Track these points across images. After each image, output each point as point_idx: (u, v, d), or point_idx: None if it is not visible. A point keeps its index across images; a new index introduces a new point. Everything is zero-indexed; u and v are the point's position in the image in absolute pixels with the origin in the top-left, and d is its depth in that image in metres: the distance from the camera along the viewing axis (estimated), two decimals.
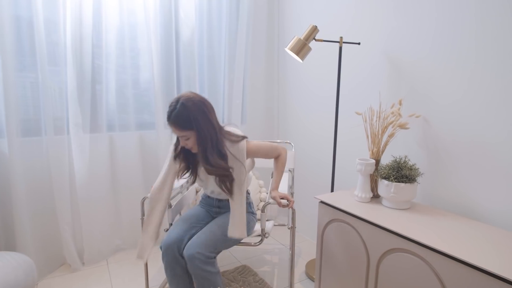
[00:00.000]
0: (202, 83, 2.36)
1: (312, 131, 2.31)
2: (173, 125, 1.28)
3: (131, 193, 2.17)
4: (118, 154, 2.10)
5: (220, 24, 2.35)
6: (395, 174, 1.42)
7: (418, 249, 1.17)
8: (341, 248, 1.50)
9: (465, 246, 1.12)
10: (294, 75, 2.44)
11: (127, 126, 2.12)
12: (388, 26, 1.70)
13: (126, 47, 2.05)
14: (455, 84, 1.44)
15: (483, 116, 1.36)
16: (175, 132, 1.31)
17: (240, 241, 1.51)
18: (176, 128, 1.28)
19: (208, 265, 1.33)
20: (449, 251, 1.08)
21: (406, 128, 1.49)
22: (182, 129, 1.28)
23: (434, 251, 1.13)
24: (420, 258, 1.17)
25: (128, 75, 2.08)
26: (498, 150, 1.32)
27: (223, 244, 1.42)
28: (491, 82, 1.32)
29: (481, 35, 1.34)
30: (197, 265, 1.31)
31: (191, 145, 1.33)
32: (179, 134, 1.30)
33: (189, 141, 1.31)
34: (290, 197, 1.44)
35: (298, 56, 1.66)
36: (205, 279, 1.33)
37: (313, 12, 2.19)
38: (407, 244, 1.21)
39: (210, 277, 1.33)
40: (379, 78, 1.78)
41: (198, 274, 1.33)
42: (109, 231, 2.12)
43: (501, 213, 1.33)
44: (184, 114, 1.26)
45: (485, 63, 1.33)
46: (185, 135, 1.29)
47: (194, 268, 1.32)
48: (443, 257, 1.10)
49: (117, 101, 2.07)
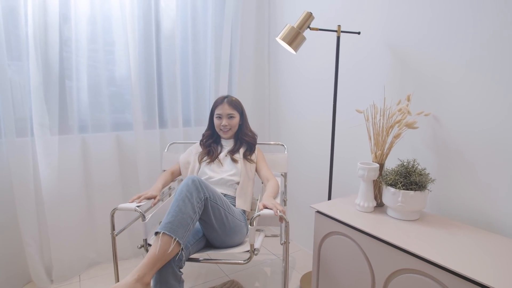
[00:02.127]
0: (186, 80, 2.16)
1: (307, 132, 2.12)
2: (228, 103, 1.67)
3: (107, 201, 1.96)
4: (92, 157, 1.88)
5: (205, 13, 2.15)
6: (403, 181, 1.23)
7: (434, 270, 0.99)
8: (341, 266, 1.31)
9: (489, 267, 0.94)
10: (287, 69, 2.25)
11: (101, 127, 1.90)
12: (391, 13, 1.52)
13: (100, 40, 1.83)
14: (470, 77, 1.26)
15: (501, 112, 1.18)
16: (225, 110, 1.66)
17: (236, 244, 1.45)
18: (229, 107, 1.66)
19: (196, 192, 1.25)
20: (472, 275, 0.89)
21: (415, 128, 1.31)
22: (234, 108, 1.67)
23: (453, 273, 0.94)
24: (437, 281, 0.98)
25: (103, 70, 1.87)
26: None
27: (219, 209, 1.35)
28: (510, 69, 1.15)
29: (502, 18, 1.16)
30: (188, 186, 1.25)
31: (233, 124, 1.68)
32: (229, 111, 1.66)
33: (233, 120, 1.68)
34: (281, 206, 1.29)
35: (291, 47, 1.47)
36: (182, 201, 1.22)
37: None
38: (420, 265, 1.02)
39: (187, 203, 1.23)
40: (382, 72, 1.59)
41: (180, 192, 1.24)
42: (82, 243, 1.90)
43: None
44: (236, 100, 1.72)
45: (505, 51, 1.16)
46: (233, 114, 1.67)
47: (182, 187, 1.25)
48: (465, 281, 0.91)
49: (90, 99, 1.86)
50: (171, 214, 1.18)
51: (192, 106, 2.20)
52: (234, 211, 1.43)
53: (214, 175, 1.62)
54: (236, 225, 1.40)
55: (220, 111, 1.67)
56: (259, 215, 1.24)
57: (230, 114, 1.66)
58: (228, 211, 1.38)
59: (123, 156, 1.99)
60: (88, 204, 1.92)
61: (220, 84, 2.22)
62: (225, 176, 1.61)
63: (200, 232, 1.41)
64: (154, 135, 2.04)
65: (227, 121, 1.66)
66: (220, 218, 1.33)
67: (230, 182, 1.61)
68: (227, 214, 1.36)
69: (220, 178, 1.60)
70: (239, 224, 1.42)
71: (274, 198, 1.44)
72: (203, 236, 1.41)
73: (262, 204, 1.32)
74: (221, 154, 1.69)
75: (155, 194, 1.45)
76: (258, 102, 2.45)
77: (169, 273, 1.15)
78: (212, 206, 1.30)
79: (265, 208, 1.29)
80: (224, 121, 1.66)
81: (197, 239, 1.36)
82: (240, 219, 1.46)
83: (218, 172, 1.63)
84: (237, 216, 1.43)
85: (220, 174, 1.62)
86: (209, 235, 1.38)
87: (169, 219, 1.17)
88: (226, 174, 1.61)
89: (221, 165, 1.65)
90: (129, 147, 2.00)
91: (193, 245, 1.33)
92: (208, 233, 1.37)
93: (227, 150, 1.71)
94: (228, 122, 1.66)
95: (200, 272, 1.95)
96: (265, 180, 1.63)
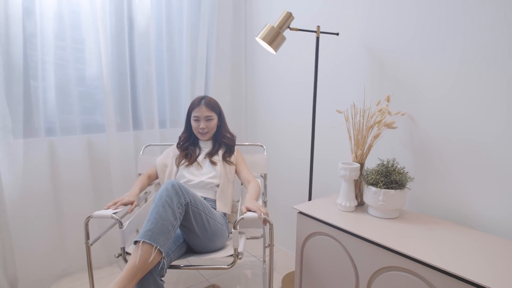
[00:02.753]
0: (161, 79, 2.09)
1: (286, 132, 2.12)
2: (205, 105, 1.60)
3: (78, 208, 1.85)
4: (61, 162, 1.77)
5: (181, 10, 2.08)
6: (383, 180, 1.26)
7: (417, 267, 1.01)
8: (325, 266, 1.31)
9: (466, 260, 0.97)
10: (264, 69, 2.23)
11: (71, 129, 1.79)
12: (368, 15, 1.54)
13: (68, 37, 1.73)
14: (443, 78, 1.31)
15: (475, 112, 1.23)
16: (203, 112, 1.60)
17: (219, 248, 1.41)
18: (207, 108, 1.60)
19: (176, 198, 1.21)
20: (453, 270, 0.92)
21: (394, 128, 1.34)
22: (211, 110, 1.61)
23: (435, 269, 0.97)
24: (420, 278, 1.00)
25: (72, 70, 1.76)
26: (493, 150, 1.20)
27: (200, 214, 1.30)
28: (483, 74, 1.20)
29: (472, 23, 1.21)
30: (168, 192, 1.20)
31: (211, 126, 1.63)
32: (207, 113, 1.60)
33: (211, 122, 1.62)
34: (264, 208, 1.28)
35: (271, 47, 1.45)
36: (162, 207, 1.16)
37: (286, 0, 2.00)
38: (403, 262, 1.04)
39: (168, 209, 1.18)
40: (360, 73, 1.62)
41: (160, 197, 1.19)
42: (50, 254, 1.79)
43: (497, 219, 1.21)
44: (214, 101, 1.66)
45: (476, 54, 1.21)
46: (211, 116, 1.62)
47: (162, 192, 1.20)
48: (446, 276, 0.94)
49: (58, 100, 1.74)
50: (151, 221, 1.13)
51: (167, 107, 2.13)
52: (215, 215, 1.39)
53: (193, 178, 1.57)
54: (218, 229, 1.37)
55: (198, 113, 1.61)
56: (243, 218, 1.22)
57: (208, 116, 1.61)
58: (210, 215, 1.34)
59: (95, 160, 1.89)
60: (57, 212, 1.80)
61: (197, 83, 2.17)
62: (204, 179, 1.56)
63: (180, 238, 1.36)
64: (128, 137, 1.95)
65: (205, 123, 1.61)
66: (202, 223, 1.29)
67: (210, 185, 1.57)
68: (208, 218, 1.32)
69: (200, 181, 1.56)
70: (221, 228, 1.39)
71: (256, 200, 1.42)
72: (184, 241, 1.36)
73: (245, 207, 1.30)
74: (199, 157, 1.65)
75: (132, 199, 1.38)
76: (235, 102, 2.42)
77: (150, 283, 1.09)
78: (193, 211, 1.25)
79: (248, 211, 1.27)
80: (202, 124, 1.61)
81: (178, 245, 1.31)
82: (222, 222, 1.42)
83: (197, 175, 1.58)
84: (218, 220, 1.40)
85: (199, 177, 1.57)
86: (191, 240, 1.33)
87: (149, 226, 1.12)
88: (206, 177, 1.57)
89: (200, 168, 1.61)
90: (101, 150, 1.90)
91: (174, 251, 1.27)
92: (189, 238, 1.32)
93: (205, 152, 1.67)
94: (206, 124, 1.62)
95: (179, 278, 1.89)
96: (245, 182, 1.60)
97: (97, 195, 1.92)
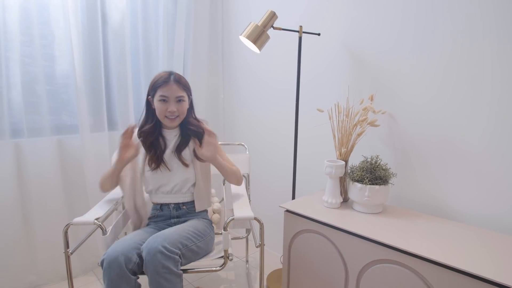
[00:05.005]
0: (137, 78, 2.00)
1: (269, 131, 2.12)
2: (176, 83, 1.30)
3: (48, 215, 1.72)
4: (29, 165, 1.64)
5: (157, 7, 2.01)
6: (369, 176, 1.29)
7: (404, 258, 1.05)
8: (314, 262, 1.33)
9: (447, 249, 1.03)
10: (242, 68, 2.22)
11: (39, 130, 1.67)
12: (348, 16, 1.58)
13: (35, 33, 1.61)
14: (421, 77, 1.37)
15: (451, 111, 1.31)
16: (173, 92, 1.29)
17: (208, 253, 1.33)
18: (178, 87, 1.30)
19: (171, 262, 1.09)
20: (442, 259, 0.97)
21: (376, 126, 1.38)
22: (183, 89, 1.32)
23: (423, 259, 1.01)
24: (410, 269, 1.05)
25: (39, 67, 1.64)
26: (468, 146, 1.28)
27: (192, 248, 1.21)
28: (459, 75, 1.28)
29: (453, 23, 1.28)
30: (159, 261, 1.07)
31: (182, 110, 1.33)
32: (178, 93, 1.30)
33: (182, 104, 1.32)
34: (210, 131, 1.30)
35: (256, 45, 1.45)
36: (164, 279, 1.07)
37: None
38: (392, 254, 1.08)
39: (170, 278, 1.08)
40: (342, 72, 1.66)
41: (157, 272, 1.07)
42: (17, 266, 1.66)
43: (472, 210, 1.29)
44: (183, 78, 1.35)
45: (453, 54, 1.28)
46: (182, 96, 1.32)
47: (154, 264, 1.06)
48: (436, 266, 0.99)
49: (25, 99, 1.62)
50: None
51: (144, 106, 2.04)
52: (200, 231, 1.30)
53: (164, 183, 1.36)
54: (208, 241, 1.33)
55: (166, 93, 1.28)
56: (233, 219, 1.20)
57: (179, 96, 1.30)
58: (197, 240, 1.26)
59: (66, 163, 1.78)
60: (24, 220, 1.67)
61: None
62: (178, 182, 1.36)
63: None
64: (103, 138, 1.86)
65: (176, 105, 1.30)
66: (196, 252, 1.24)
67: (185, 188, 1.38)
68: (198, 245, 1.26)
69: (173, 186, 1.36)
70: (210, 240, 1.34)
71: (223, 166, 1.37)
72: None
73: (197, 147, 1.33)
74: (165, 154, 1.36)
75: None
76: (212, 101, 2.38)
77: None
78: (186, 253, 1.19)
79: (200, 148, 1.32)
80: (171, 106, 1.29)
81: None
82: (208, 231, 1.35)
83: (168, 179, 1.36)
84: (205, 234, 1.32)
85: (171, 181, 1.36)
86: None
87: None
88: (179, 180, 1.36)
89: (168, 170, 1.36)
90: (74, 152, 1.79)
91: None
92: None
93: (172, 146, 1.37)
94: (177, 107, 1.30)
95: None
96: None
97: (69, 201, 1.81)
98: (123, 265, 1.08)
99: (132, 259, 1.11)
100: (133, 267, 1.10)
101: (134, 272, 1.12)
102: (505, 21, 1.16)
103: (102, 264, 1.09)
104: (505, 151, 1.20)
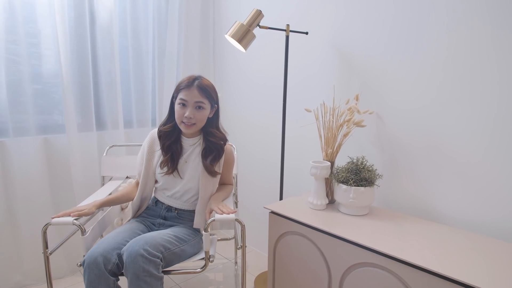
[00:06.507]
0: (126, 77, 1.99)
1: (258, 130, 2.10)
2: (197, 88, 1.25)
3: (34, 214, 1.71)
4: (14, 165, 1.63)
5: (146, 6, 2.00)
6: (353, 177, 1.27)
7: (387, 262, 1.03)
8: (298, 265, 1.31)
9: (433, 253, 1.00)
10: (233, 68, 2.20)
11: (25, 130, 1.66)
12: (337, 16, 1.56)
13: (21, 31, 1.60)
14: (409, 79, 1.35)
15: (437, 112, 1.29)
16: (193, 97, 1.25)
17: (191, 256, 1.30)
18: (199, 93, 1.25)
19: (152, 265, 1.07)
20: (424, 264, 0.95)
21: (362, 126, 1.36)
22: (205, 96, 1.27)
23: (405, 263, 0.99)
24: (391, 273, 1.02)
25: (26, 66, 1.63)
26: (454, 147, 1.25)
27: (175, 251, 1.20)
28: (445, 78, 1.25)
29: (437, 23, 1.26)
30: (140, 265, 1.05)
31: (200, 118, 1.28)
32: (198, 99, 1.25)
33: (201, 112, 1.28)
34: (229, 207, 1.25)
35: (241, 45, 1.43)
36: (144, 282, 1.06)
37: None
38: (375, 258, 1.06)
39: (150, 281, 1.07)
40: (330, 72, 1.64)
41: (137, 276, 1.05)
42: (4, 265, 1.65)
43: (458, 213, 1.27)
44: (211, 85, 1.30)
45: (438, 55, 1.26)
46: (202, 103, 1.27)
47: (134, 268, 1.05)
48: (417, 270, 0.96)
49: (10, 98, 1.61)
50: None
51: (134, 106, 2.03)
52: (183, 236, 1.28)
53: (169, 186, 1.37)
54: (193, 245, 1.31)
55: (186, 97, 1.24)
56: (214, 220, 1.18)
57: (198, 102, 1.25)
58: (180, 243, 1.24)
59: (53, 162, 1.77)
60: (10, 220, 1.66)
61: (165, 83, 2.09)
62: (182, 191, 1.36)
63: (143, 232, 1.30)
64: (91, 138, 1.84)
65: (193, 112, 1.25)
66: (179, 255, 1.23)
67: (186, 197, 1.38)
68: (182, 248, 1.24)
69: (175, 191, 1.37)
70: (195, 244, 1.33)
71: (222, 200, 1.37)
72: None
73: (209, 209, 1.27)
74: (180, 161, 1.35)
75: (91, 211, 1.22)
76: None
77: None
78: (168, 256, 1.17)
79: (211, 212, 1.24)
80: (188, 111, 1.25)
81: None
82: (193, 236, 1.34)
83: (174, 184, 1.37)
84: (188, 238, 1.30)
85: (176, 187, 1.36)
86: None
87: None
88: (185, 190, 1.36)
89: (180, 178, 1.35)
90: (61, 151, 1.78)
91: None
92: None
93: (187, 155, 1.36)
94: (193, 113, 1.25)
95: None
96: (221, 182, 1.46)
97: (56, 200, 1.79)
98: (102, 266, 1.08)
99: (111, 260, 1.10)
100: (112, 268, 1.10)
101: (113, 273, 1.11)
102: (496, 22, 1.13)
103: (83, 264, 1.09)
104: (492, 154, 1.17)
